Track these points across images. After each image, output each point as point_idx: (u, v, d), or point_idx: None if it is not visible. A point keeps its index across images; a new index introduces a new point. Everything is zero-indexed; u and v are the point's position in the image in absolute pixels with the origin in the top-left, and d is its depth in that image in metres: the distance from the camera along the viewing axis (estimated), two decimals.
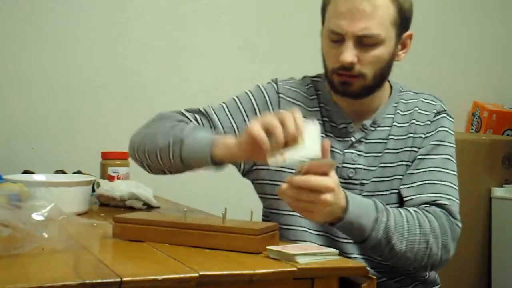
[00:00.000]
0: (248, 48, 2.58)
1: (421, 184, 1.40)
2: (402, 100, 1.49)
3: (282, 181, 1.39)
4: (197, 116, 1.46)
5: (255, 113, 1.47)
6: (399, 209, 1.33)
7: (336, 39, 1.36)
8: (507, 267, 2.54)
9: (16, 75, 2.26)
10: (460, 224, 1.37)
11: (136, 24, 2.41)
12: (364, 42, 1.35)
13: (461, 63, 3.00)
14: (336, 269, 1.02)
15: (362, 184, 1.42)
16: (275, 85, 1.51)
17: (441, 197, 1.38)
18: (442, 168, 1.42)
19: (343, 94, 1.42)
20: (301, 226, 1.42)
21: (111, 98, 2.37)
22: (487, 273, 2.62)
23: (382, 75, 1.41)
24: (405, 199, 1.40)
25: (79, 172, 1.95)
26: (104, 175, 1.90)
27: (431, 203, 1.37)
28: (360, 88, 1.39)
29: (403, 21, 1.39)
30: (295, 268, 0.97)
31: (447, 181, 1.40)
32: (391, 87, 1.51)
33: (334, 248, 1.15)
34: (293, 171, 1.19)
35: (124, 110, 2.39)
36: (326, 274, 1.00)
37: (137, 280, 0.87)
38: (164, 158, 1.37)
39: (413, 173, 1.42)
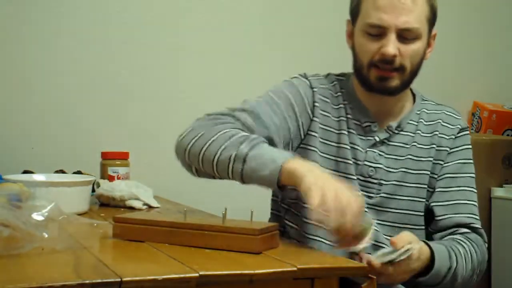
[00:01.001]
0: (249, 48, 2.57)
1: (453, 204, 1.45)
2: (424, 110, 1.52)
3: None
4: (247, 116, 1.38)
5: (293, 107, 1.44)
6: (460, 245, 1.39)
7: (376, 33, 1.37)
8: (507, 267, 2.54)
9: (16, 75, 2.26)
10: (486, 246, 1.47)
11: (136, 24, 2.41)
12: (404, 36, 1.37)
13: (461, 63, 3.00)
14: (336, 269, 1.02)
15: (381, 184, 1.44)
16: (306, 80, 1.50)
17: (473, 218, 1.45)
18: (470, 187, 1.49)
19: (378, 91, 1.42)
20: (320, 237, 1.41)
21: (111, 98, 2.37)
22: (487, 273, 2.61)
23: (416, 72, 1.44)
24: (438, 218, 1.45)
25: (79, 172, 1.95)
26: (104, 175, 1.90)
27: (466, 226, 1.43)
28: (397, 83, 1.40)
29: (434, 18, 1.43)
30: (295, 268, 0.97)
31: (474, 200, 1.47)
32: (413, 94, 1.53)
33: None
34: None
35: (124, 110, 2.39)
36: (326, 274, 1.00)
37: (137, 280, 0.87)
38: (221, 171, 1.29)
39: (445, 191, 1.46)
